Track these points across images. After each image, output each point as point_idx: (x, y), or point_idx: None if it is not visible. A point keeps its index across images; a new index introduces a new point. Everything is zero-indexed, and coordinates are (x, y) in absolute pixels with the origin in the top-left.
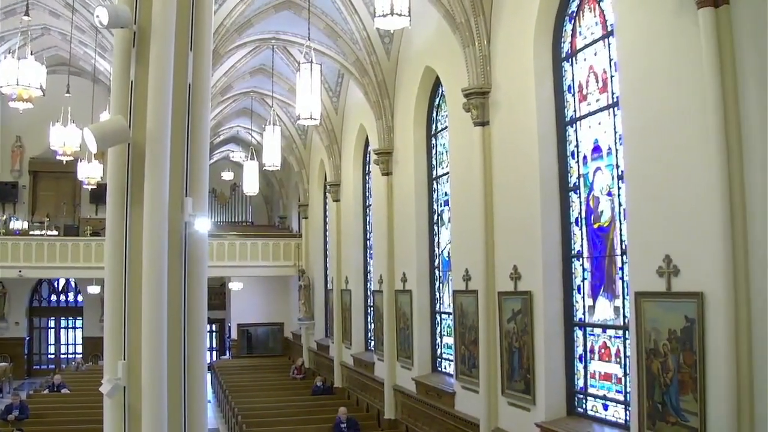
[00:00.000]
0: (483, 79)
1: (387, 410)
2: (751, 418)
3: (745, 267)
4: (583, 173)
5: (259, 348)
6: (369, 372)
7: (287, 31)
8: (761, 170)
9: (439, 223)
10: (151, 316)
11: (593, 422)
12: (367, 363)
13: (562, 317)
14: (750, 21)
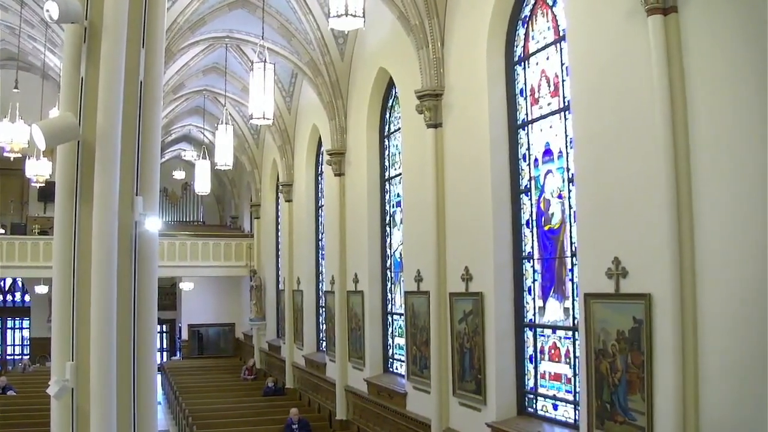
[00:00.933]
0: (436, 82)
1: (339, 411)
2: (696, 416)
3: (691, 269)
4: (535, 176)
5: (210, 349)
6: (320, 373)
7: (241, 29)
8: (708, 174)
9: (391, 224)
10: (100, 316)
11: (543, 422)
12: (318, 364)
13: (512, 318)
14: (697, 28)
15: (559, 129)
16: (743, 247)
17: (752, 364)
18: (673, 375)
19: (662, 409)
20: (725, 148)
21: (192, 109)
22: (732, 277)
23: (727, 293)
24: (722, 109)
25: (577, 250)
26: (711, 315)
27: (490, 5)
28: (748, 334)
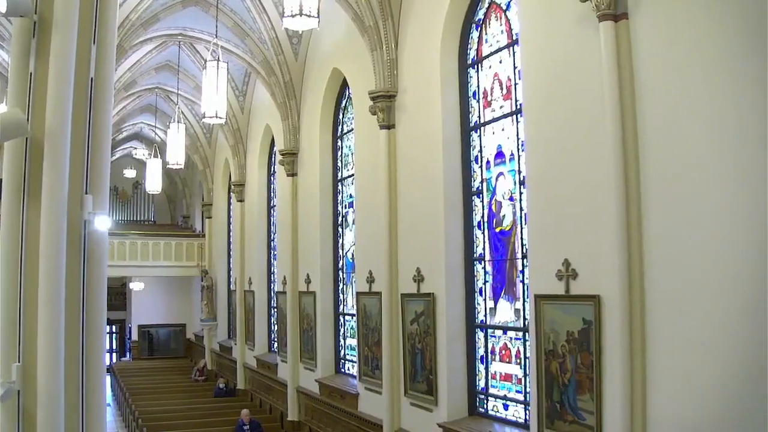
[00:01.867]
0: (390, 83)
1: (290, 412)
2: (643, 415)
3: (639, 271)
4: (486, 178)
5: (161, 349)
6: (272, 374)
7: (194, 27)
8: (657, 178)
9: (343, 224)
10: (48, 316)
11: (494, 422)
12: (270, 364)
13: (464, 319)
14: (647, 35)
15: (511, 132)
16: (689, 249)
17: (698, 364)
18: (621, 375)
19: (611, 408)
20: (673, 152)
21: (144, 107)
22: (679, 278)
23: (675, 294)
24: (671, 114)
25: (528, 252)
26: (658, 316)
27: (444, 8)
28: (695, 335)
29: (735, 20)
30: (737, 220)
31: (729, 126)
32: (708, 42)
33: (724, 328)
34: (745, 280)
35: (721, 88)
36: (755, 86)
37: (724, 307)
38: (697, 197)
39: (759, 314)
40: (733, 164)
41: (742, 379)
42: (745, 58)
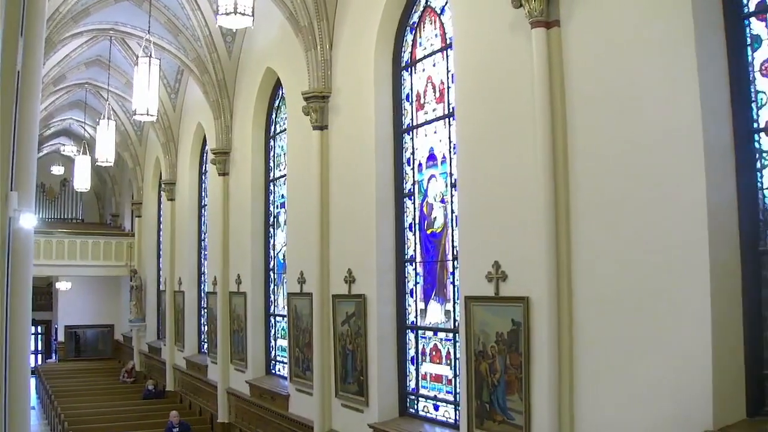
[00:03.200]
0: (323, 84)
1: (220, 414)
2: (571, 415)
3: (567, 273)
4: (418, 180)
5: (88, 351)
6: (202, 375)
7: (127, 23)
8: (586, 182)
9: (275, 225)
10: None
11: (425, 422)
12: (200, 366)
13: (394, 320)
14: (578, 42)
15: (443, 135)
16: (617, 251)
17: (624, 365)
18: (549, 375)
19: (539, 408)
20: (602, 157)
21: (73, 103)
22: (606, 280)
23: (602, 296)
24: (600, 120)
25: (459, 254)
26: (586, 317)
27: (379, 10)
28: (621, 335)
29: (663, 29)
30: (663, 224)
31: (657, 132)
32: (637, 49)
33: (650, 329)
34: (670, 283)
35: (649, 95)
36: (683, 93)
37: (650, 308)
38: (624, 202)
39: (683, 316)
40: (661, 170)
41: (669, 380)
42: (672, 66)
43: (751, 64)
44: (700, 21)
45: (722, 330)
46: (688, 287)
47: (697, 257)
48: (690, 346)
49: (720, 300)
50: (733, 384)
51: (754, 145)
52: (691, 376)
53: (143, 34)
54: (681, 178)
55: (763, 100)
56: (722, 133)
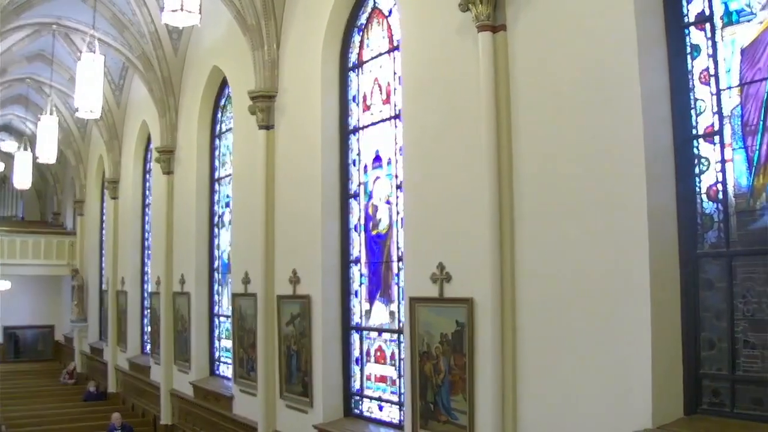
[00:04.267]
0: (270, 83)
1: (163, 415)
2: (514, 414)
3: (511, 275)
4: (364, 181)
5: (28, 352)
6: (145, 376)
7: (71, 17)
8: (530, 185)
9: (219, 224)
10: None
11: (369, 423)
12: (143, 367)
13: (339, 321)
14: (524, 48)
15: (390, 136)
16: (559, 253)
17: (566, 365)
18: (493, 375)
19: (483, 408)
20: (546, 160)
21: (14, 98)
22: (549, 282)
23: (544, 297)
24: (543, 124)
25: (404, 255)
26: (529, 318)
27: (327, 11)
28: (563, 336)
29: (606, 38)
30: (605, 227)
31: (600, 137)
32: (580, 57)
33: (591, 330)
34: (611, 285)
35: (592, 101)
36: (625, 99)
37: (591, 310)
38: (567, 205)
39: (624, 317)
40: (603, 174)
41: (609, 380)
42: (615, 73)
43: (691, 73)
44: (642, 30)
45: (661, 331)
46: (628, 289)
47: (637, 260)
48: (630, 346)
49: (659, 302)
50: (671, 383)
51: (693, 151)
52: (632, 376)
53: (87, 30)
54: (622, 183)
55: (702, 108)
56: (663, 139)
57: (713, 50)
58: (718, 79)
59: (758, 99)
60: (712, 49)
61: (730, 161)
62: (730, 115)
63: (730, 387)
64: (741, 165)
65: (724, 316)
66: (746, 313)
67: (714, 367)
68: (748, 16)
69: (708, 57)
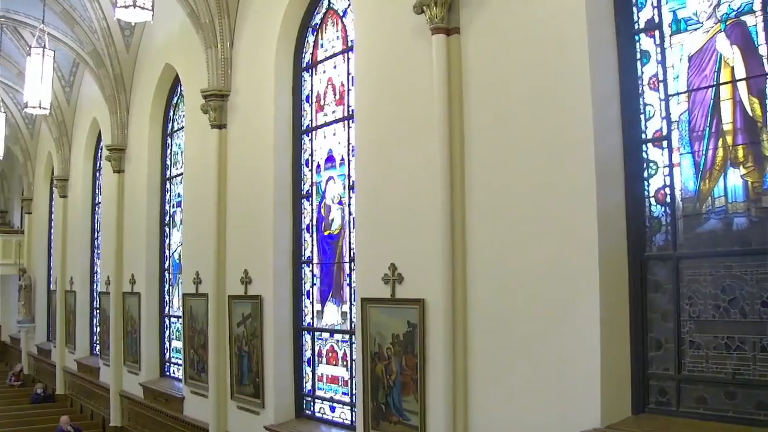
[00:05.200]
0: (223, 82)
1: (113, 417)
2: (465, 415)
3: (462, 276)
4: (316, 181)
5: None
6: (94, 378)
7: (19, 11)
8: (481, 186)
9: (170, 224)
10: None
11: (321, 424)
12: (92, 368)
13: (291, 322)
14: (477, 51)
15: (343, 137)
16: (510, 255)
17: (517, 365)
18: (444, 376)
19: (434, 408)
20: (496, 163)
21: None
22: (500, 283)
23: (495, 299)
24: (496, 127)
25: (356, 256)
26: (480, 319)
27: (281, 10)
28: (514, 337)
29: (559, 43)
30: (556, 229)
31: (551, 141)
32: (533, 61)
33: (542, 331)
34: (562, 286)
35: (544, 105)
36: (577, 104)
37: (542, 311)
38: (519, 207)
39: (574, 318)
40: (554, 177)
41: (560, 379)
42: (567, 78)
43: (641, 78)
44: (594, 36)
45: (610, 332)
46: (578, 290)
47: (587, 262)
48: (579, 346)
49: (608, 303)
50: (619, 383)
51: (643, 155)
52: (581, 376)
53: (37, 24)
54: (573, 185)
55: (651, 113)
56: (613, 143)
57: (662, 57)
58: (667, 85)
59: (704, 105)
60: (661, 55)
61: (678, 165)
62: (678, 120)
63: (676, 386)
64: (688, 169)
65: (671, 317)
66: (692, 314)
67: (661, 367)
68: (695, 25)
69: (657, 63)
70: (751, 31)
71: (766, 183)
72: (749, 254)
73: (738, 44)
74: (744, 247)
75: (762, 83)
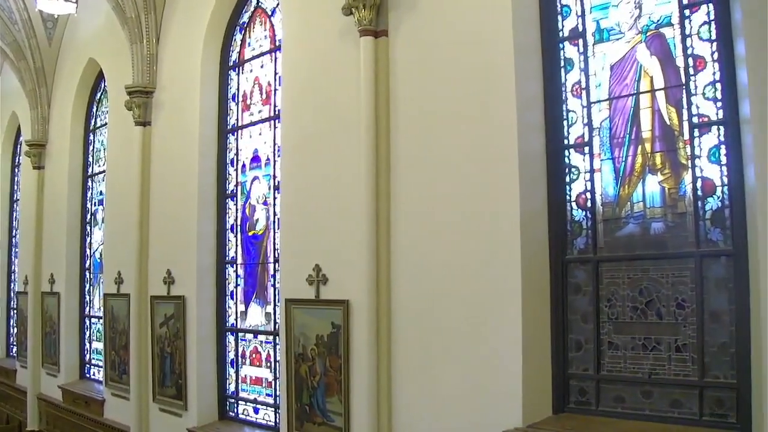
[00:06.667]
0: (148, 79)
1: (30, 421)
2: (389, 415)
3: (387, 277)
4: (242, 181)
5: None
6: (10, 380)
7: None
8: (406, 187)
9: (92, 222)
10: None
11: (244, 425)
12: (8, 370)
13: (214, 322)
14: (405, 53)
15: (268, 137)
16: (434, 257)
17: (440, 366)
18: (368, 377)
19: (358, 409)
20: (422, 165)
21: None
22: (424, 285)
23: (420, 300)
24: (421, 129)
25: (280, 257)
26: (404, 321)
27: (209, 7)
28: (437, 338)
29: (485, 49)
30: (479, 232)
31: (476, 145)
32: (459, 66)
33: (465, 332)
34: (485, 288)
35: (470, 110)
36: (501, 109)
37: (465, 313)
38: (443, 209)
39: (496, 320)
40: (478, 180)
41: (482, 380)
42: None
43: (564, 85)
44: (519, 42)
45: (532, 333)
46: (501, 292)
47: (510, 264)
48: (502, 347)
49: (530, 304)
50: (540, 383)
51: (565, 160)
52: (503, 376)
53: None
54: (497, 188)
55: (574, 119)
56: (536, 147)
57: (585, 65)
58: (589, 92)
59: (625, 113)
60: (584, 63)
61: (599, 171)
62: (600, 127)
63: (595, 386)
64: (608, 175)
65: (591, 318)
66: (611, 316)
67: (581, 367)
68: (617, 35)
69: (580, 71)
70: (670, 43)
71: (681, 189)
72: (665, 258)
73: (657, 55)
74: (661, 251)
75: (679, 93)
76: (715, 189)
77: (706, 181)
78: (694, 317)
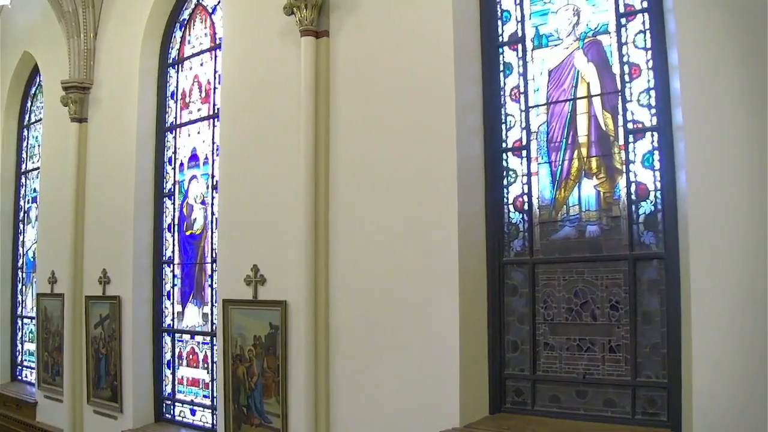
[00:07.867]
0: (85, 74)
1: None
2: (327, 415)
3: (325, 278)
4: (179, 180)
5: None
6: None
7: None
8: (345, 188)
9: (25, 220)
10: None
11: (181, 427)
12: None
13: (150, 323)
14: (346, 54)
15: (207, 135)
16: (373, 258)
17: (377, 368)
18: (306, 377)
19: (296, 410)
20: (361, 166)
21: None
22: (362, 286)
23: (358, 301)
24: (361, 130)
25: (218, 257)
26: (342, 322)
27: (148, 3)
28: (375, 339)
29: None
30: (418, 233)
31: (415, 147)
32: (399, 69)
33: (403, 334)
34: (422, 289)
35: (410, 113)
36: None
37: (403, 314)
38: (382, 211)
39: (433, 321)
40: (417, 182)
41: (420, 381)
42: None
43: (503, 89)
44: (459, 45)
45: (469, 334)
46: (439, 294)
47: (447, 266)
48: (439, 348)
49: (467, 306)
50: (477, 384)
51: (503, 163)
52: (441, 377)
53: None
54: (435, 190)
55: (512, 123)
56: (474, 151)
57: (524, 70)
58: (527, 96)
59: (562, 118)
60: (523, 68)
61: (536, 174)
62: (537, 131)
63: (531, 386)
64: (545, 179)
65: (527, 320)
66: (546, 317)
67: (517, 368)
68: (556, 41)
69: (519, 76)
70: (606, 50)
71: (616, 193)
72: (600, 260)
73: (594, 62)
74: (595, 254)
75: (615, 99)
76: (649, 193)
77: (640, 185)
78: (627, 318)
